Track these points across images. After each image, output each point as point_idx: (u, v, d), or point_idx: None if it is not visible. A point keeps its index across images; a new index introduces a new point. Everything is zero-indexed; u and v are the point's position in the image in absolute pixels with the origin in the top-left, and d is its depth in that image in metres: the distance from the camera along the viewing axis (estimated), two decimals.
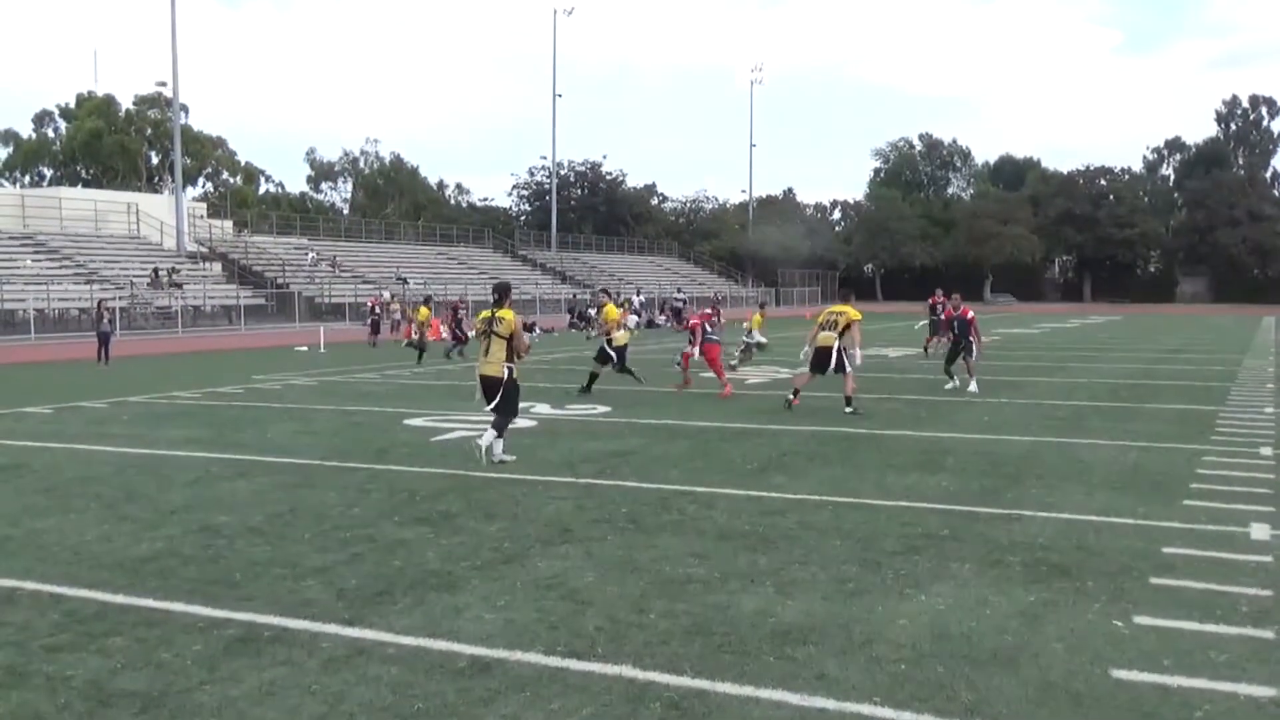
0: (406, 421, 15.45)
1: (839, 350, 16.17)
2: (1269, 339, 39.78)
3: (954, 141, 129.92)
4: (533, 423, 15.26)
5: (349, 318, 51.37)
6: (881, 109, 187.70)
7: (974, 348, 19.89)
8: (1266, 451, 12.32)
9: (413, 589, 6.92)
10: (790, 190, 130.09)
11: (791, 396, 16.64)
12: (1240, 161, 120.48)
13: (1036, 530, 8.50)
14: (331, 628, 6.15)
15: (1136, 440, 13.32)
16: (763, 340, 26.59)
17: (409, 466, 11.58)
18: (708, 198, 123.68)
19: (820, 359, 16.34)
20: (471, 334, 19.92)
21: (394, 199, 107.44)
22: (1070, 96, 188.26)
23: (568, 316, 56.29)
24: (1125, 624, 6.17)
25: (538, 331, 48.38)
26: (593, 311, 35.03)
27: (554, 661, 5.58)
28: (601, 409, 16.80)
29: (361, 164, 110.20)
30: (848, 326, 16.26)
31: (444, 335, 44.57)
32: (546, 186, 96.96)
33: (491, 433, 11.62)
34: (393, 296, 48.94)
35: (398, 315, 44.66)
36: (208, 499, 9.82)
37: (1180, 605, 6.49)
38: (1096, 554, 7.75)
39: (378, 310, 40.81)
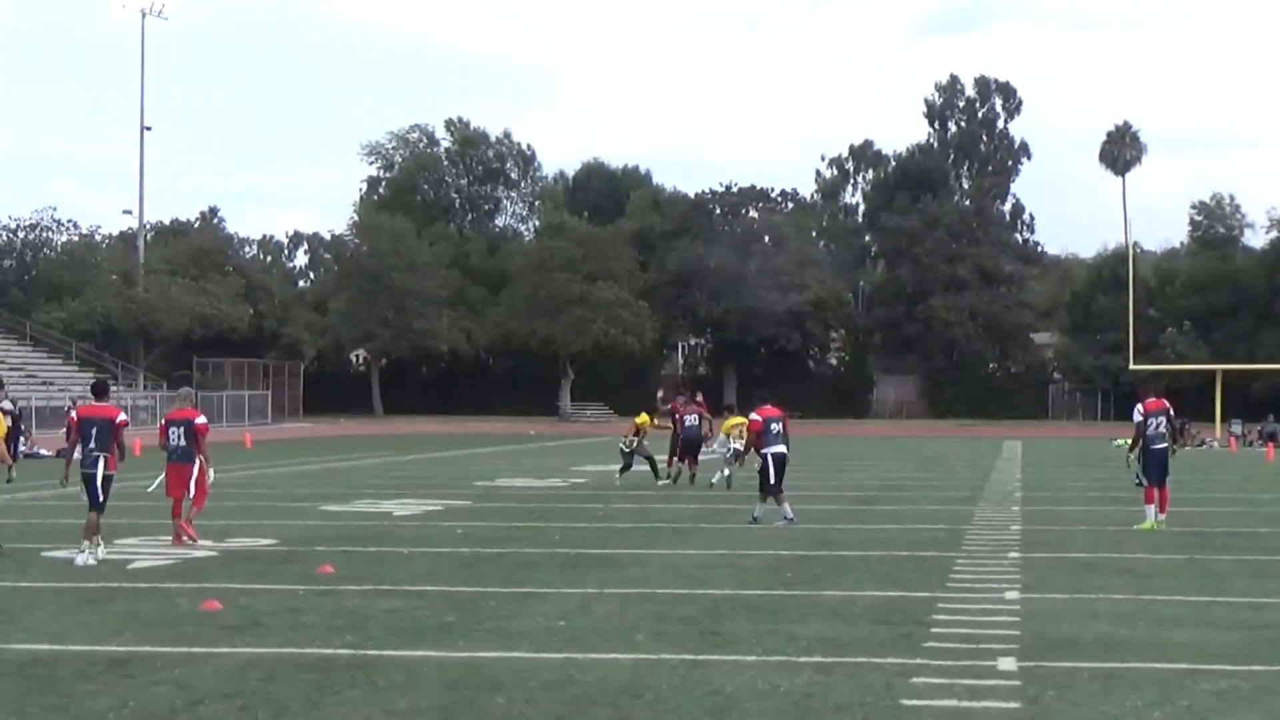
0: None
1: None
2: (1013, 474, 25.62)
3: (507, 135, 79.93)
4: None
5: None
6: (372, 61, 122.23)
7: None
8: (1009, 664, 7.55)
9: None
10: (215, 212, 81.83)
11: None
12: (964, 184, 79.23)
13: None
14: None
15: (808, 653, 7.95)
16: None
17: None
18: (59, 224, 70.10)
19: None
20: None
21: None
22: (692, 79, 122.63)
23: None
24: None
25: None
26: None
27: None
28: None
29: None
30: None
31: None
32: None
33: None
34: None
35: None
36: None
37: None
38: None
39: None
